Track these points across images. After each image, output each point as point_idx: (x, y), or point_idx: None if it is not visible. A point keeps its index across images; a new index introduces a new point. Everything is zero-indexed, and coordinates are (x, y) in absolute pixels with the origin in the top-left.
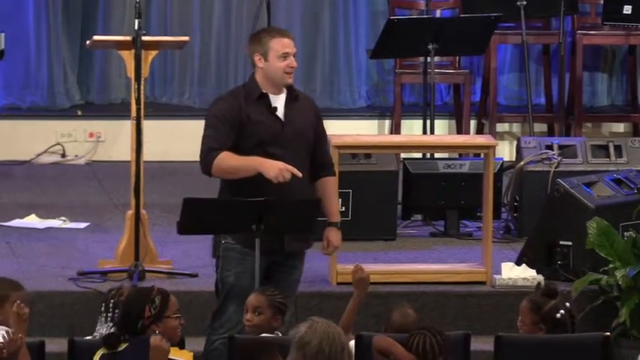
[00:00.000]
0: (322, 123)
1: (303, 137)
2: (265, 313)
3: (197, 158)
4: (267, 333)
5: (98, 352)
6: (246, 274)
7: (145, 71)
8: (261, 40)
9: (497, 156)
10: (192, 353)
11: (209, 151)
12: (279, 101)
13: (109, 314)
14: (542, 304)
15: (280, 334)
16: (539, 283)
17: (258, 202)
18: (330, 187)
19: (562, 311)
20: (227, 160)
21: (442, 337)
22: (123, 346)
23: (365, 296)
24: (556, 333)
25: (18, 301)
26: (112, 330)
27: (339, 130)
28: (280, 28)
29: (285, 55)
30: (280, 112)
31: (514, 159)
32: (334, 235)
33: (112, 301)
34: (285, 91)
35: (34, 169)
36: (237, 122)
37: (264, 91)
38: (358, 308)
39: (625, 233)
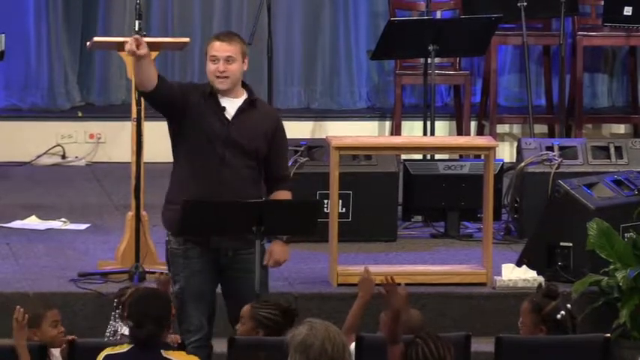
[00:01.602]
0: (282, 138)
1: (250, 143)
2: (246, 324)
3: None
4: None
5: (102, 352)
6: (195, 276)
7: None
8: (207, 42)
9: (497, 157)
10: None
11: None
12: (232, 104)
13: (117, 312)
14: (543, 305)
15: None
16: (540, 285)
17: (257, 204)
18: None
19: (563, 312)
20: None
21: (439, 345)
22: (127, 347)
23: (369, 298)
24: (557, 334)
25: (18, 307)
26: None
27: (339, 131)
28: (229, 32)
29: (213, 59)
30: (230, 114)
31: (514, 160)
32: (277, 249)
33: (118, 299)
34: (245, 96)
35: (34, 171)
36: (189, 99)
37: (213, 90)
38: (363, 311)
39: (625, 234)
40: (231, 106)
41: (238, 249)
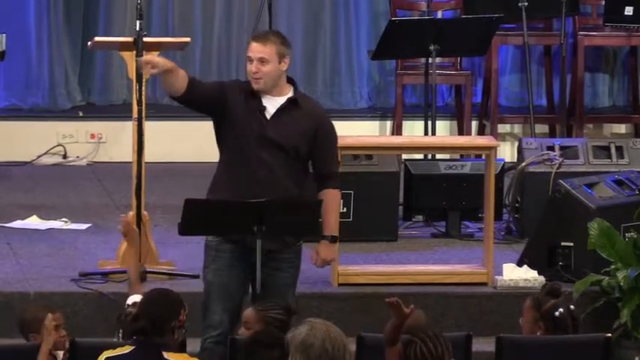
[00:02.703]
0: (326, 135)
1: (288, 142)
2: (254, 328)
3: (198, 159)
4: None
5: (103, 354)
6: (223, 271)
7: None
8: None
9: (498, 157)
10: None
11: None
12: (274, 102)
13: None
14: (543, 302)
15: None
16: (545, 283)
17: (259, 203)
18: (327, 199)
19: (561, 309)
20: None
21: (437, 344)
22: (128, 349)
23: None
24: (555, 332)
25: (49, 315)
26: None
27: (340, 131)
28: (266, 31)
29: (249, 59)
30: (270, 113)
31: (515, 160)
32: (324, 249)
33: (121, 318)
34: (290, 94)
35: (35, 170)
36: (227, 98)
37: (255, 89)
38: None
39: (626, 234)
40: (272, 105)
41: (272, 250)
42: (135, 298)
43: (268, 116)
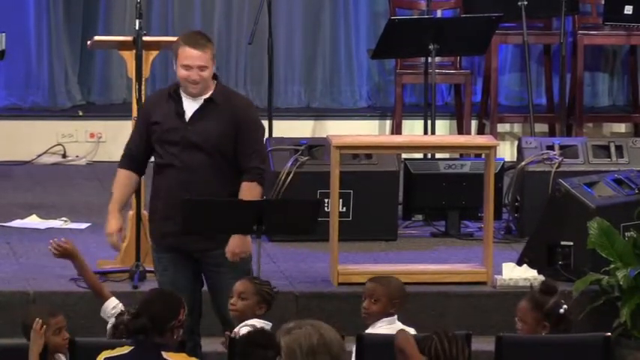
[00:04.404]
0: (247, 130)
1: (209, 144)
2: (250, 299)
3: None
4: (249, 319)
5: (101, 355)
6: (167, 271)
7: (146, 71)
8: (175, 43)
9: (498, 156)
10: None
11: (124, 153)
12: (195, 103)
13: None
14: (544, 302)
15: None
16: (531, 284)
17: (258, 203)
18: (243, 191)
19: (565, 306)
20: (115, 181)
21: (452, 344)
22: (127, 349)
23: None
24: (560, 329)
25: (38, 319)
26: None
27: (340, 130)
28: (201, 36)
29: (186, 67)
30: (189, 114)
31: (515, 159)
32: (233, 242)
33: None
34: (210, 92)
35: (34, 170)
36: (151, 122)
37: (179, 91)
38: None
39: (626, 233)
40: (193, 106)
41: (207, 249)
42: (112, 303)
43: (187, 117)
